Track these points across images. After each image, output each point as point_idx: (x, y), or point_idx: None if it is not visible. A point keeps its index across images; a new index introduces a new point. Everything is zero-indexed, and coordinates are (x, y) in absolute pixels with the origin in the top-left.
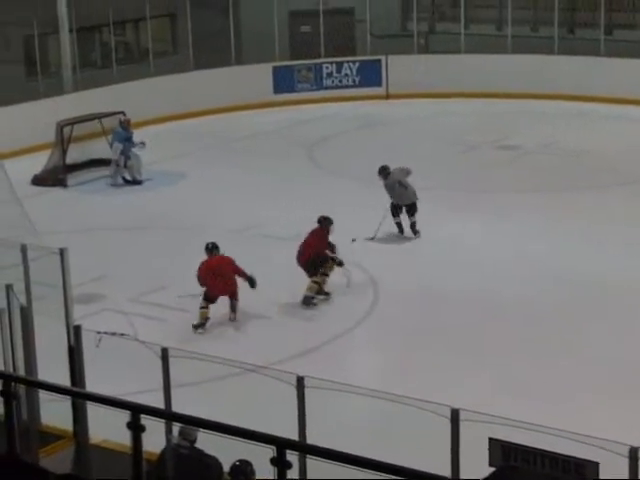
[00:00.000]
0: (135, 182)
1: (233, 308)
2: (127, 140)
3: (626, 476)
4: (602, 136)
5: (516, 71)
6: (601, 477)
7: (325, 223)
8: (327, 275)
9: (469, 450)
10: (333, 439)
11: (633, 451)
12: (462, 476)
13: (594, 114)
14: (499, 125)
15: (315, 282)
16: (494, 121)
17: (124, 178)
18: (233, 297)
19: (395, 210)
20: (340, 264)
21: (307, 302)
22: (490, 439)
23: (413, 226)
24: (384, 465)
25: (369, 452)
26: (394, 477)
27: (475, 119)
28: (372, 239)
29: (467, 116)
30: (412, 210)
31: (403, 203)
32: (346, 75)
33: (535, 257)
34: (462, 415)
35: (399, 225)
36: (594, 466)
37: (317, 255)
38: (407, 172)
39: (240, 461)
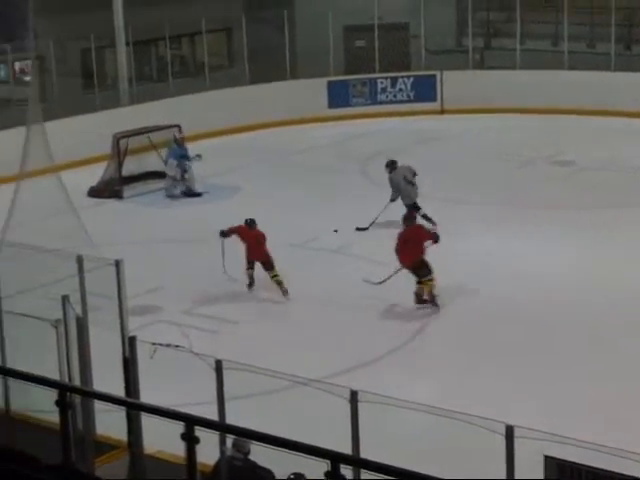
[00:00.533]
0: (193, 194)
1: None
2: (182, 157)
3: None
4: None
5: (572, 87)
6: None
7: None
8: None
9: (524, 468)
10: (387, 454)
11: None
12: None
13: None
14: (554, 141)
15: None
16: (549, 137)
17: (182, 191)
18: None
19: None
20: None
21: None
22: (546, 457)
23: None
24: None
25: (423, 467)
26: None
27: (530, 135)
28: (365, 229)
29: (522, 131)
30: (414, 209)
31: (405, 202)
32: (400, 90)
33: (590, 275)
34: (517, 432)
35: (425, 217)
36: None
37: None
38: (413, 172)
39: (294, 474)
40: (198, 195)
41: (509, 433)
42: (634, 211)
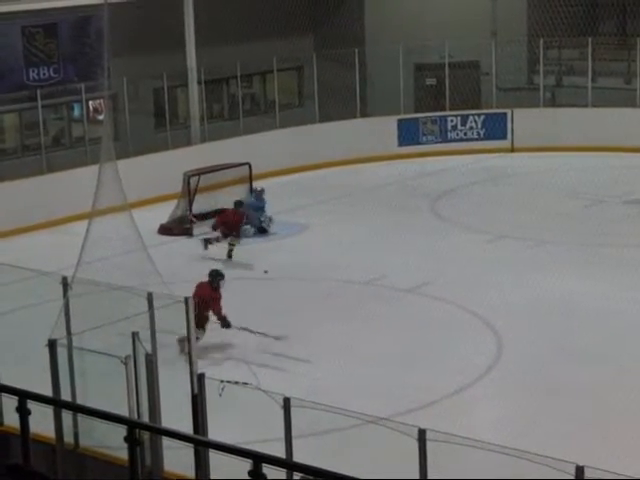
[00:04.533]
0: (263, 230)
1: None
2: (259, 209)
3: None
4: None
5: None
6: None
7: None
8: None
9: None
10: None
11: None
12: None
13: None
14: (626, 179)
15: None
16: (621, 175)
17: (257, 228)
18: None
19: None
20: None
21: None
22: None
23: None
24: None
25: None
26: None
27: (602, 173)
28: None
29: (593, 170)
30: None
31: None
32: (471, 128)
33: None
34: (587, 473)
35: None
36: None
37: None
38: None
39: None
40: (264, 231)
41: (579, 474)
42: None
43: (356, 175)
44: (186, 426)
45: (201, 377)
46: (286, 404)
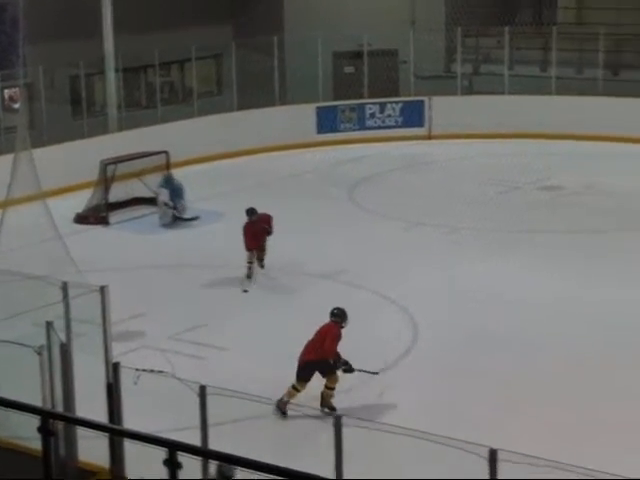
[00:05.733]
0: (188, 219)
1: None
2: (173, 190)
3: None
4: None
5: (560, 112)
6: None
7: (341, 318)
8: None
9: None
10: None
11: None
12: None
13: (633, 154)
14: (541, 166)
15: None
16: (537, 162)
17: (174, 215)
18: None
19: None
20: (349, 370)
21: (279, 407)
22: None
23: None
24: None
25: None
26: None
27: (517, 160)
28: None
29: (509, 157)
30: None
31: None
32: (389, 115)
33: (576, 299)
34: (500, 455)
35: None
36: None
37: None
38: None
39: None
40: (193, 219)
41: (492, 456)
42: (619, 235)
43: (275, 163)
44: (101, 415)
45: (116, 366)
46: (202, 392)
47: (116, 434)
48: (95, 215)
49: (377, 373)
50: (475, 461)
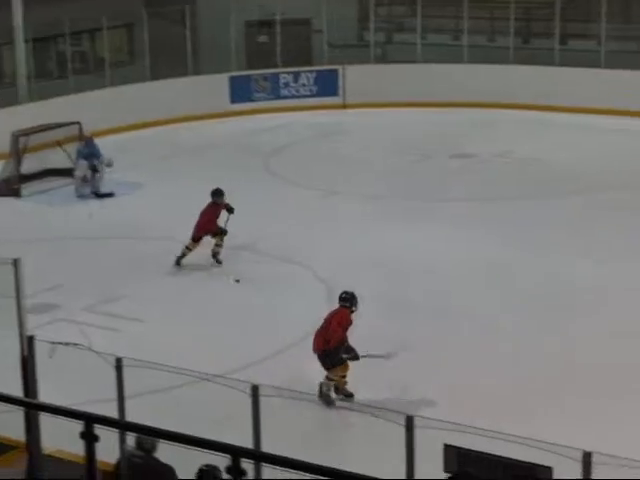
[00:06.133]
0: (104, 195)
1: None
2: (90, 155)
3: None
4: (557, 145)
5: (472, 80)
6: None
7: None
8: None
9: (426, 457)
10: (289, 447)
11: (586, 455)
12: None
13: (549, 123)
14: (455, 134)
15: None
16: (450, 130)
17: (92, 191)
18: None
19: None
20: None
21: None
22: (445, 445)
23: None
24: (335, 472)
25: (325, 460)
26: None
27: (431, 128)
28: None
29: (423, 125)
30: None
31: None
32: (303, 85)
33: (490, 266)
34: (417, 422)
35: None
36: (547, 470)
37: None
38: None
39: (207, 465)
40: (109, 195)
41: (409, 424)
42: (531, 203)
43: (188, 133)
44: (16, 389)
45: (31, 339)
46: (118, 364)
47: (31, 408)
48: (7, 187)
49: (383, 356)
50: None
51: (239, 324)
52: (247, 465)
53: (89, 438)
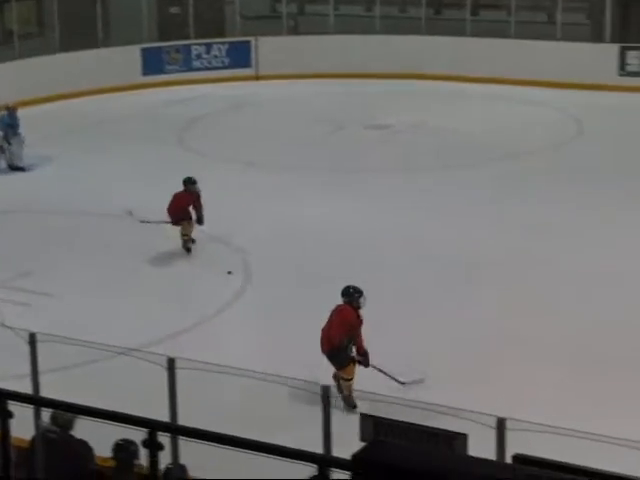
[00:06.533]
0: (17, 168)
1: None
2: (10, 126)
3: (494, 446)
4: (470, 115)
5: (385, 51)
6: (470, 448)
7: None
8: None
9: (341, 427)
10: (207, 420)
11: (500, 422)
12: (334, 452)
13: (462, 93)
14: (369, 105)
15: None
16: (364, 101)
17: (9, 165)
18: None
19: None
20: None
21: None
22: (361, 414)
23: None
24: (256, 444)
25: (242, 432)
26: (268, 455)
27: (345, 99)
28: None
29: (337, 96)
30: None
31: None
32: (215, 56)
33: (407, 235)
34: (332, 392)
35: None
36: (463, 438)
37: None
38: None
39: (123, 440)
40: (21, 169)
41: (325, 393)
42: (446, 172)
43: (101, 106)
44: None
45: None
46: (31, 339)
47: None
48: None
49: (404, 383)
50: (311, 398)
51: (156, 298)
52: (164, 439)
53: (3, 414)
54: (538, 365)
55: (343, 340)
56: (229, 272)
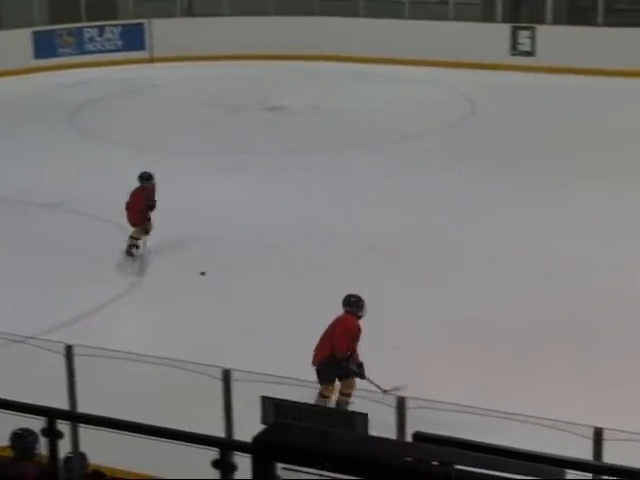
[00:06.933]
0: None
1: None
2: None
3: (394, 424)
4: (365, 96)
5: (280, 33)
6: (370, 427)
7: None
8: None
9: (242, 410)
10: (106, 407)
11: (400, 400)
12: (236, 435)
13: (357, 74)
14: (264, 87)
15: (324, 396)
16: (259, 83)
17: None
18: None
19: None
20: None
21: None
22: (263, 397)
23: None
24: (157, 429)
25: (143, 418)
26: (170, 441)
27: (240, 82)
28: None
29: (232, 79)
30: None
31: None
32: (109, 39)
33: (299, 216)
34: (234, 375)
35: None
36: (363, 417)
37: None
38: None
39: (21, 429)
40: None
41: (225, 377)
42: (340, 154)
43: None
44: None
45: None
46: None
47: None
48: None
49: (386, 391)
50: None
51: (51, 284)
52: (63, 427)
53: None
54: (438, 344)
55: (347, 351)
56: (202, 273)
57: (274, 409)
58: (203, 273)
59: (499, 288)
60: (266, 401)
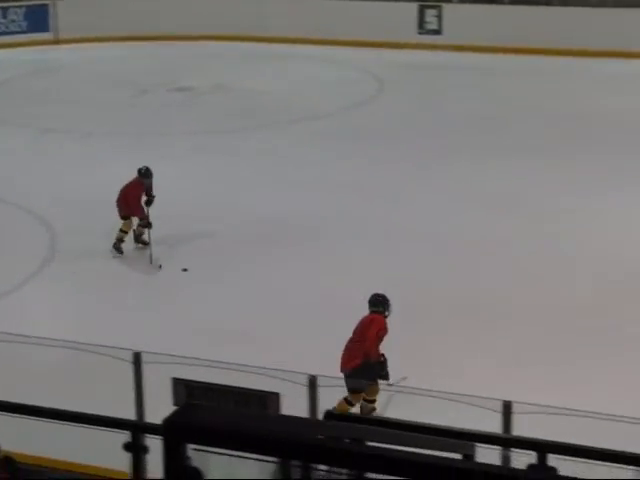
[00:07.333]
0: None
1: None
2: None
3: (306, 403)
4: (271, 76)
5: (185, 14)
6: (282, 406)
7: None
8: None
9: (154, 392)
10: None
11: (311, 379)
12: (147, 417)
13: (262, 54)
14: (171, 68)
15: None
16: (166, 64)
17: None
18: None
19: None
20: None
21: None
22: (174, 379)
23: None
24: (69, 414)
25: (55, 403)
26: (82, 425)
27: (147, 63)
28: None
29: (139, 60)
30: None
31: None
32: (13, 21)
33: (210, 198)
34: (145, 357)
35: None
36: (275, 397)
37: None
38: None
39: None
40: None
41: (136, 359)
42: (246, 134)
43: None
44: None
45: None
46: None
47: None
48: None
49: (391, 384)
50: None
51: None
52: None
53: None
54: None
55: (380, 353)
56: (184, 269)
57: (185, 390)
58: (185, 269)
59: (400, 264)
60: (177, 383)
